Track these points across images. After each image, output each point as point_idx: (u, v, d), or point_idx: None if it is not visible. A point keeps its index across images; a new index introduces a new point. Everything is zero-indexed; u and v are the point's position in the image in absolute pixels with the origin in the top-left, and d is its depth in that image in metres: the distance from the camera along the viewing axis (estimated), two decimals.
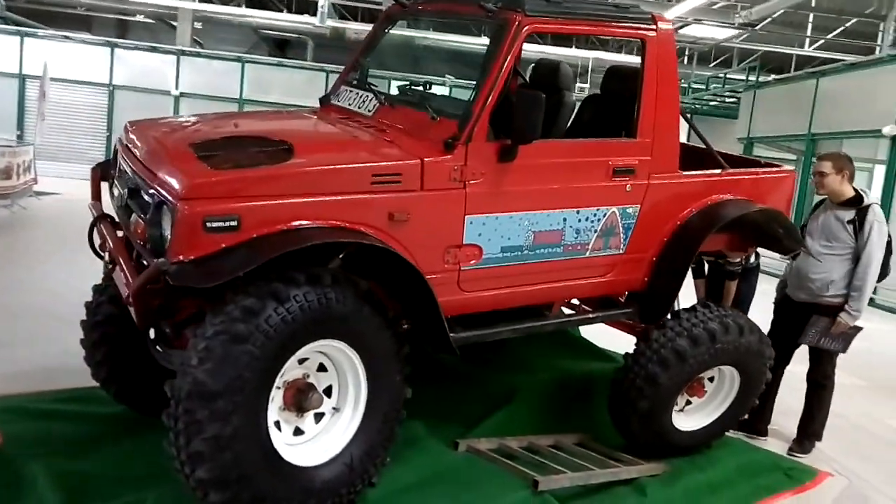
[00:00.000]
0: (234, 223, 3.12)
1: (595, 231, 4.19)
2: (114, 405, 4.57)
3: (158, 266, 3.01)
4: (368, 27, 20.18)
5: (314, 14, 19.90)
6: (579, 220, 4.11)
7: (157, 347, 4.52)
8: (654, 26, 4.21)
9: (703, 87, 18.95)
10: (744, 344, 4.59)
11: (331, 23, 19.27)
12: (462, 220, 3.72)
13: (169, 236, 3.18)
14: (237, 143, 3.59)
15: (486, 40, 5.92)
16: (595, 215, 4.16)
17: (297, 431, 3.41)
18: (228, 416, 2.96)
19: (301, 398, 3.33)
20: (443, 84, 19.21)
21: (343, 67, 4.90)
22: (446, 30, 20.13)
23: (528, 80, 5.27)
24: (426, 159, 3.56)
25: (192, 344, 3.05)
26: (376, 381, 3.47)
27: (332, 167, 3.41)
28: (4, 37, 18.20)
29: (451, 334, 3.63)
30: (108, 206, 4.23)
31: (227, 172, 3.21)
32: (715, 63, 24.90)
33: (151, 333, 4.54)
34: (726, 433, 5.06)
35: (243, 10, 20.74)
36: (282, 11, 21.72)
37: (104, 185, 4.38)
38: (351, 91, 4.60)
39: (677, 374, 4.44)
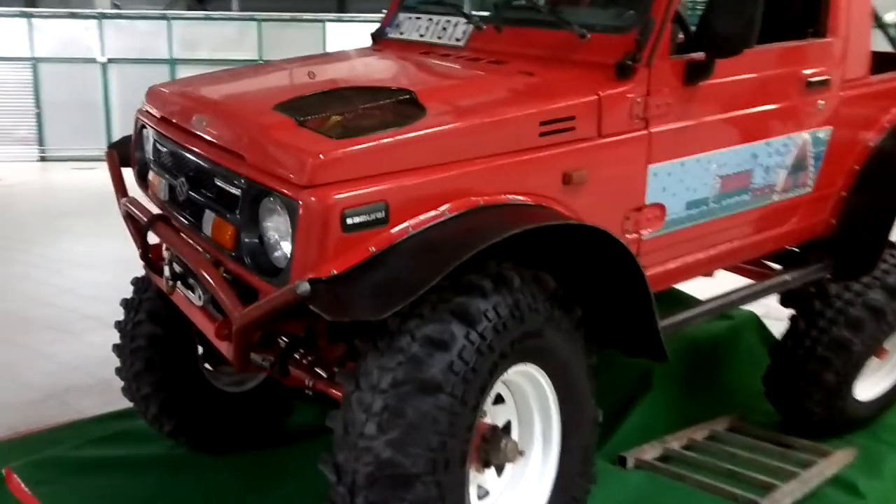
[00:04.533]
0: (381, 214, 2.08)
1: (784, 167, 3.21)
2: (158, 442, 3.58)
3: (294, 292, 1.96)
4: None
5: None
6: (769, 155, 3.13)
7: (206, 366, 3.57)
8: None
9: None
10: None
11: None
12: (645, 173, 2.72)
13: (279, 240, 2.16)
14: (339, 98, 2.49)
15: None
16: (786, 146, 3.18)
17: (480, 492, 2.43)
18: None
19: (489, 449, 2.33)
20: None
21: None
22: None
23: None
24: (603, 93, 2.55)
25: (356, 399, 2.02)
26: (570, 408, 2.49)
27: (494, 119, 2.36)
28: None
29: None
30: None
31: (354, 140, 2.14)
32: None
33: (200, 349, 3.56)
34: None
35: None
36: None
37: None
38: (419, 18, 3.49)
39: (872, 335, 3.58)
